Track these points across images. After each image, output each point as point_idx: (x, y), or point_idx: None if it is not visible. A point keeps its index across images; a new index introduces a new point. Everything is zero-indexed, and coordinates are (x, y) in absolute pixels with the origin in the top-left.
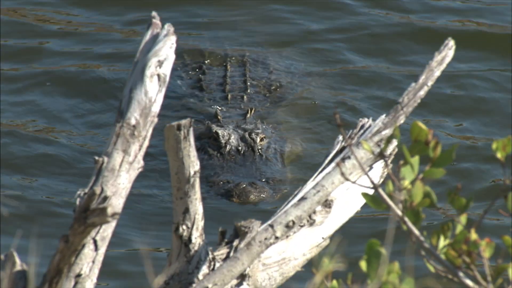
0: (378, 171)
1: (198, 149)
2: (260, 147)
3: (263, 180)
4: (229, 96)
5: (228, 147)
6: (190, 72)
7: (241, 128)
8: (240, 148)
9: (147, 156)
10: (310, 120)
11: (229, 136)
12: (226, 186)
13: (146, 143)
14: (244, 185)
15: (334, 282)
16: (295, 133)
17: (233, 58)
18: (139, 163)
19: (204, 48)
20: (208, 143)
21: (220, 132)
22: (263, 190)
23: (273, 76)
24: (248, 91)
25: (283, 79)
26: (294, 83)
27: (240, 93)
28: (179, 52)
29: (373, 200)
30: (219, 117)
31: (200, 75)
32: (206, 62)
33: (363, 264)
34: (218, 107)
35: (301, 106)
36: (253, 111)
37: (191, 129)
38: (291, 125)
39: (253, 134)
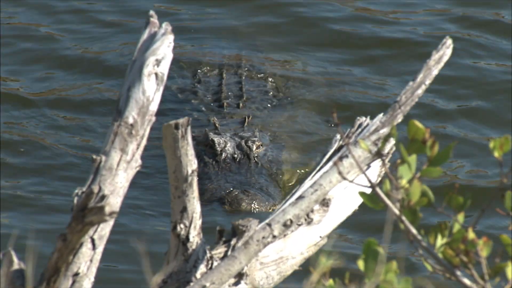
0: (376, 170)
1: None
2: (256, 155)
3: (257, 187)
4: (225, 103)
5: (223, 155)
6: (186, 80)
7: (238, 135)
8: (235, 155)
9: None
10: (308, 125)
11: (225, 144)
12: (219, 194)
13: (144, 142)
14: (236, 193)
15: (331, 281)
16: (292, 140)
17: (229, 65)
18: (137, 162)
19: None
20: (204, 151)
21: (216, 139)
22: (255, 197)
23: (269, 83)
24: (244, 98)
25: (280, 85)
26: (291, 89)
27: (236, 101)
28: (175, 60)
29: (371, 199)
30: (216, 125)
31: (196, 83)
32: (201, 69)
33: (360, 263)
34: (214, 116)
35: (298, 112)
36: (250, 119)
37: (189, 127)
38: (289, 131)
39: (249, 141)
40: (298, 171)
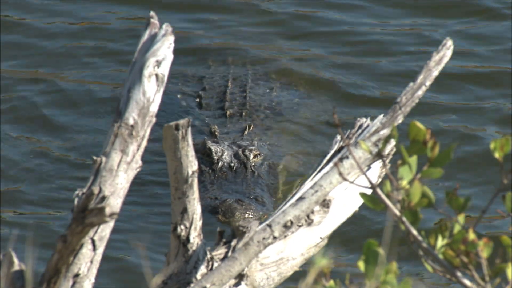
0: (376, 171)
1: None
2: (253, 164)
3: (252, 197)
4: (228, 112)
5: (220, 164)
6: (190, 87)
7: (237, 144)
8: (232, 164)
9: None
10: (309, 136)
11: (222, 153)
12: (213, 203)
13: (144, 143)
14: (230, 202)
15: (331, 282)
16: (293, 149)
17: (236, 73)
18: (137, 163)
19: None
20: (201, 159)
21: (213, 148)
22: (249, 207)
23: (274, 93)
24: (248, 107)
25: (284, 96)
26: (295, 100)
27: (240, 110)
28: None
29: (371, 200)
30: (216, 133)
31: (200, 92)
32: (207, 76)
33: (361, 264)
34: (215, 125)
35: (300, 122)
36: (251, 128)
37: (189, 129)
38: (290, 141)
39: (246, 150)
40: (296, 180)
